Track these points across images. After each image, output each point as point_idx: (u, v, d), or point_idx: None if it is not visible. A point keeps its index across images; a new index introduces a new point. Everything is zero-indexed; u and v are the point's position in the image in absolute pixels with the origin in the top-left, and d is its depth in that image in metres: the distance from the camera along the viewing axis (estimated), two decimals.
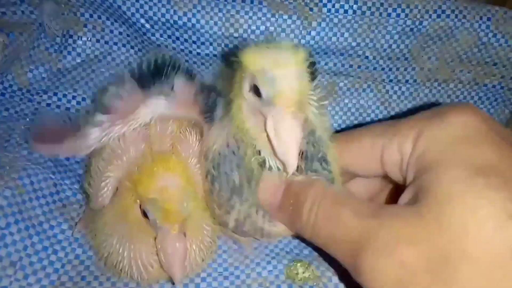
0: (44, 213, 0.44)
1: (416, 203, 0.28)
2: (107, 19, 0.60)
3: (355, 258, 0.29)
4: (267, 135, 0.34)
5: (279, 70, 0.32)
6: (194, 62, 0.62)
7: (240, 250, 0.46)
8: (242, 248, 0.46)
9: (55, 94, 0.57)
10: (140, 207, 0.36)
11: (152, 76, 0.39)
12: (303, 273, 0.45)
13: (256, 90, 0.33)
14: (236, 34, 0.60)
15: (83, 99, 0.58)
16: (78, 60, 0.60)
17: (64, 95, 0.58)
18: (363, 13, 0.60)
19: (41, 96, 0.57)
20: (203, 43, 0.61)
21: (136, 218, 0.37)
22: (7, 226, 0.41)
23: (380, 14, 0.60)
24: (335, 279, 0.44)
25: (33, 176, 0.45)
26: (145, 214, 0.36)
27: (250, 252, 0.46)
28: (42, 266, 0.41)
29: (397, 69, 0.64)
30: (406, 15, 0.60)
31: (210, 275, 0.44)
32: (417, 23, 0.61)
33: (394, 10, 0.60)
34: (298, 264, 0.45)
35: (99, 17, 0.60)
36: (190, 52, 0.62)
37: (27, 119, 0.54)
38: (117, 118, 0.38)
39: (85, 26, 0.59)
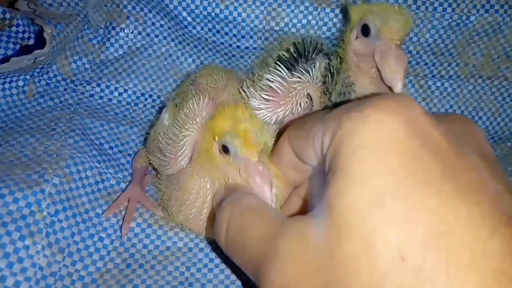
0: (90, 201, 0.45)
1: (318, 216, 0.25)
2: (149, 11, 0.60)
3: (256, 273, 0.27)
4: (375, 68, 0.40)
5: (388, 9, 0.40)
6: (234, 55, 0.62)
7: None
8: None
9: (98, 85, 0.58)
10: (217, 147, 0.37)
11: (295, 58, 0.42)
12: None
13: (365, 30, 0.40)
14: (277, 28, 0.60)
15: (125, 90, 0.59)
16: (120, 52, 0.61)
17: (107, 86, 0.59)
18: (409, 6, 0.58)
19: (84, 86, 0.58)
20: (243, 37, 0.61)
21: (218, 160, 0.38)
22: (56, 213, 0.42)
23: (426, 8, 0.58)
24: None
25: (79, 165, 0.46)
26: (224, 150, 0.37)
27: None
28: (88, 253, 0.42)
29: (441, 64, 0.62)
30: (453, 10, 0.59)
31: None
32: (463, 17, 0.59)
33: (441, 4, 0.58)
34: None
35: (142, 9, 0.60)
36: (230, 45, 0.62)
37: (72, 109, 0.55)
38: (279, 100, 0.42)
39: (128, 18, 0.60)
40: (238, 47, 0.62)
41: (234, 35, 0.61)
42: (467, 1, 0.58)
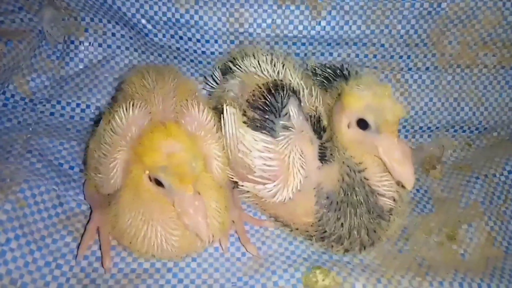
0: (47, 227, 0.42)
1: None
2: (108, 22, 0.58)
3: None
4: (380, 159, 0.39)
5: (383, 102, 0.38)
6: (200, 62, 0.60)
7: (254, 258, 0.43)
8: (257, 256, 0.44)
9: (59, 102, 0.56)
10: (150, 178, 0.36)
11: (263, 112, 0.42)
12: (323, 280, 0.42)
13: (362, 124, 0.39)
14: (241, 29, 0.58)
15: (88, 106, 0.56)
16: (81, 66, 0.58)
17: (68, 103, 0.56)
18: None
19: (44, 105, 0.55)
20: (207, 41, 0.59)
21: (149, 190, 0.37)
22: (7, 242, 0.39)
23: None
24: (359, 285, 0.41)
25: (35, 188, 0.43)
26: (157, 183, 0.36)
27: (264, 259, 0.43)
28: (45, 282, 0.39)
29: (416, 56, 0.60)
30: None
31: (224, 286, 0.41)
32: (434, 5, 0.57)
33: None
34: (317, 271, 0.42)
35: (100, 21, 0.58)
36: (195, 51, 0.60)
37: (30, 129, 0.52)
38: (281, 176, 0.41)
39: (86, 30, 0.58)
40: (204, 52, 0.59)
41: (198, 40, 0.59)
42: None
